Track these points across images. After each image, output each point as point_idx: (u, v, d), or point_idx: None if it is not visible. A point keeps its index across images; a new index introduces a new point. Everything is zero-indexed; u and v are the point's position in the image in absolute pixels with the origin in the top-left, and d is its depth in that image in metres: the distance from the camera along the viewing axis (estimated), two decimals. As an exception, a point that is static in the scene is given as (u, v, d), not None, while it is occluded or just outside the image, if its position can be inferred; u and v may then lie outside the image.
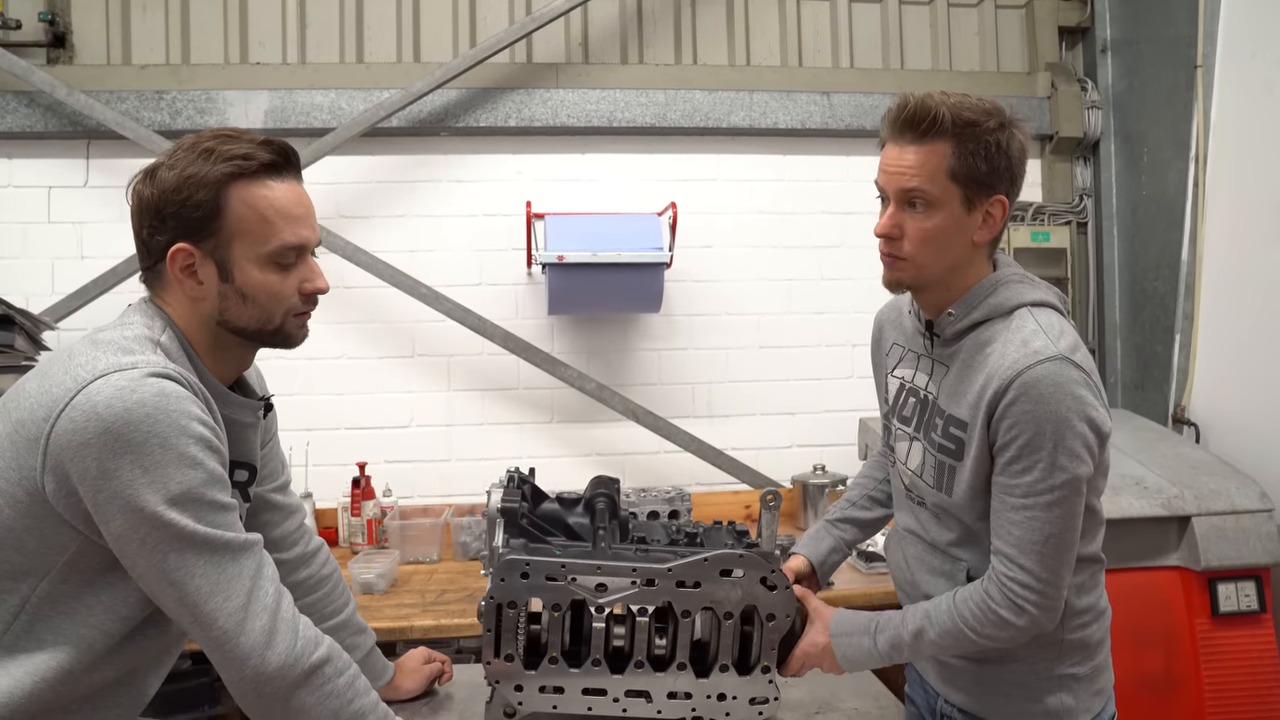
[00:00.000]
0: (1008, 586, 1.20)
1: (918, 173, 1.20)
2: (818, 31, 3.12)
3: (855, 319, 3.08)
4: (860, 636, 1.32)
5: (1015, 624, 1.20)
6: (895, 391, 1.43)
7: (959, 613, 1.24)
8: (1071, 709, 1.30)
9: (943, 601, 1.27)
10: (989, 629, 1.21)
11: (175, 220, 1.10)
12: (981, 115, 1.20)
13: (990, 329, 1.25)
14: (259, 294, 1.15)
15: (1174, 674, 2.11)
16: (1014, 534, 1.20)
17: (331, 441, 2.86)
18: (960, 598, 1.25)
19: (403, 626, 2.03)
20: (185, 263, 1.12)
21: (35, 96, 2.71)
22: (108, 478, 0.99)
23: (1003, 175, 1.22)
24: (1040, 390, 1.16)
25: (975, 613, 1.22)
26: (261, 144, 1.14)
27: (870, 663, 1.34)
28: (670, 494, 2.69)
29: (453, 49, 2.95)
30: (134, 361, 1.04)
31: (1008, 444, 1.19)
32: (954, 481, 1.27)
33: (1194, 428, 2.59)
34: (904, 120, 1.21)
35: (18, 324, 2.27)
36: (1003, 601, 1.20)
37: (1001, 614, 1.20)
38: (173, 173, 1.10)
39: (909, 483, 1.39)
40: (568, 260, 2.64)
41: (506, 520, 1.32)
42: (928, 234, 1.22)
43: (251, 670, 1.04)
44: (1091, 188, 3.18)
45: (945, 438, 1.28)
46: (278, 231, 1.14)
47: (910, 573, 1.42)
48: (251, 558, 1.08)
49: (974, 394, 1.23)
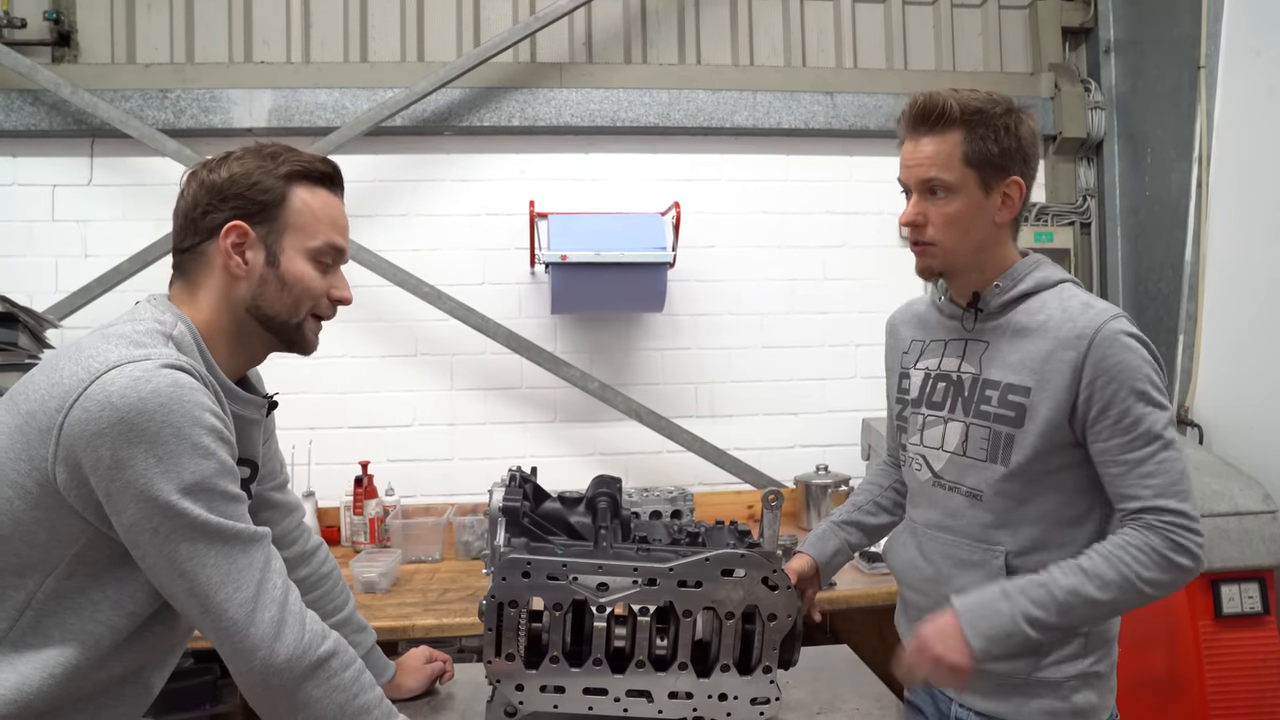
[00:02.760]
0: (1171, 531, 1.19)
1: (934, 161, 1.28)
2: (821, 31, 3.12)
3: (858, 319, 3.09)
4: (995, 603, 1.22)
5: (1185, 565, 1.19)
6: (920, 382, 1.44)
7: (1123, 562, 1.20)
8: (1096, 707, 1.30)
9: (1093, 556, 1.22)
10: (1156, 573, 1.19)
11: (239, 200, 1.17)
12: (988, 104, 1.28)
13: (1039, 299, 1.30)
14: (297, 284, 1.21)
15: (1177, 675, 2.10)
16: (1153, 483, 1.21)
17: (334, 440, 2.86)
18: (1116, 548, 1.21)
19: (404, 625, 2.03)
20: (238, 240, 1.18)
21: (40, 95, 2.72)
22: (121, 467, 1.00)
23: (1014, 157, 1.28)
24: (1123, 341, 1.22)
25: (1143, 559, 1.19)
26: (320, 160, 1.25)
27: (1009, 637, 1.21)
28: (673, 494, 2.69)
29: (456, 48, 2.96)
30: (146, 353, 1.05)
31: (1110, 402, 1.21)
32: (1012, 449, 1.27)
33: (1197, 429, 2.58)
34: (916, 116, 1.30)
35: (21, 322, 2.26)
36: (1170, 545, 1.19)
37: (1172, 557, 1.19)
38: (241, 164, 1.19)
39: (941, 468, 1.38)
40: (571, 260, 2.64)
41: (508, 519, 1.32)
42: (950, 218, 1.29)
43: (260, 662, 1.05)
44: (1095, 188, 3.18)
45: (1003, 406, 1.29)
46: (326, 231, 1.23)
47: (934, 568, 1.39)
48: (261, 549, 1.09)
49: (1037, 358, 1.26)
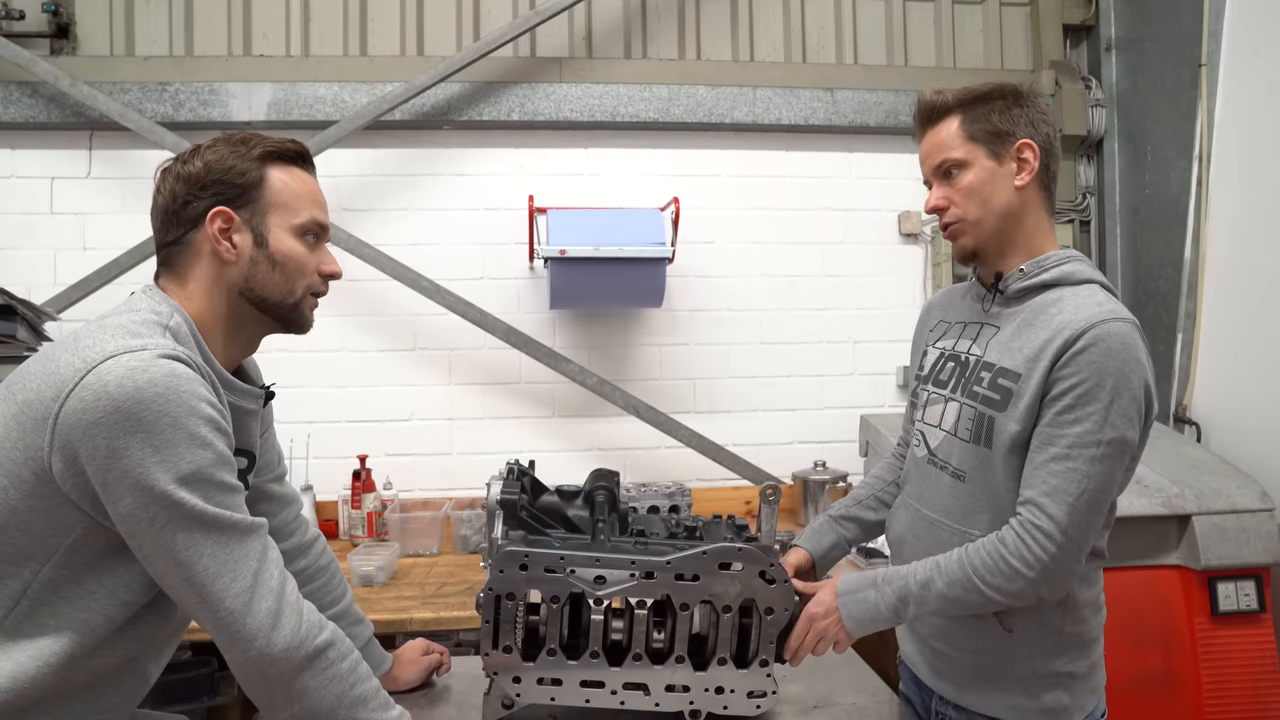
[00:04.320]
0: (1029, 534, 1.18)
1: (940, 147, 1.34)
2: (821, 28, 3.11)
3: (856, 315, 3.09)
4: (866, 590, 1.30)
5: (1026, 576, 1.18)
6: (933, 361, 1.46)
7: (969, 561, 1.22)
8: (1068, 707, 1.30)
9: (954, 552, 1.26)
10: (998, 579, 1.19)
11: (218, 187, 1.19)
12: (981, 89, 1.33)
13: (1060, 291, 1.29)
14: (288, 261, 1.22)
15: (1173, 673, 2.11)
16: (1050, 483, 1.19)
17: (332, 434, 2.86)
18: (973, 547, 1.24)
19: (402, 619, 2.03)
20: (224, 225, 1.19)
21: (38, 87, 2.72)
22: (117, 456, 1.00)
23: (1018, 121, 1.31)
24: (1111, 344, 1.18)
25: (987, 561, 1.20)
26: (290, 140, 1.26)
27: (877, 621, 1.29)
28: (670, 489, 2.69)
29: (456, 42, 2.96)
30: (143, 344, 1.05)
31: (1064, 392, 1.19)
32: (993, 433, 1.28)
33: (1195, 427, 2.59)
34: (918, 117, 1.38)
35: (19, 314, 2.26)
36: (1017, 551, 1.18)
37: (1014, 564, 1.18)
38: (214, 152, 1.20)
39: (936, 445, 1.39)
40: (570, 255, 2.64)
41: (506, 512, 1.32)
42: (968, 189, 1.32)
43: (257, 651, 1.05)
44: (1095, 186, 3.18)
45: (991, 389, 1.29)
46: (307, 207, 1.25)
47: (922, 545, 1.39)
48: (258, 540, 1.09)
49: (1035, 346, 1.25)
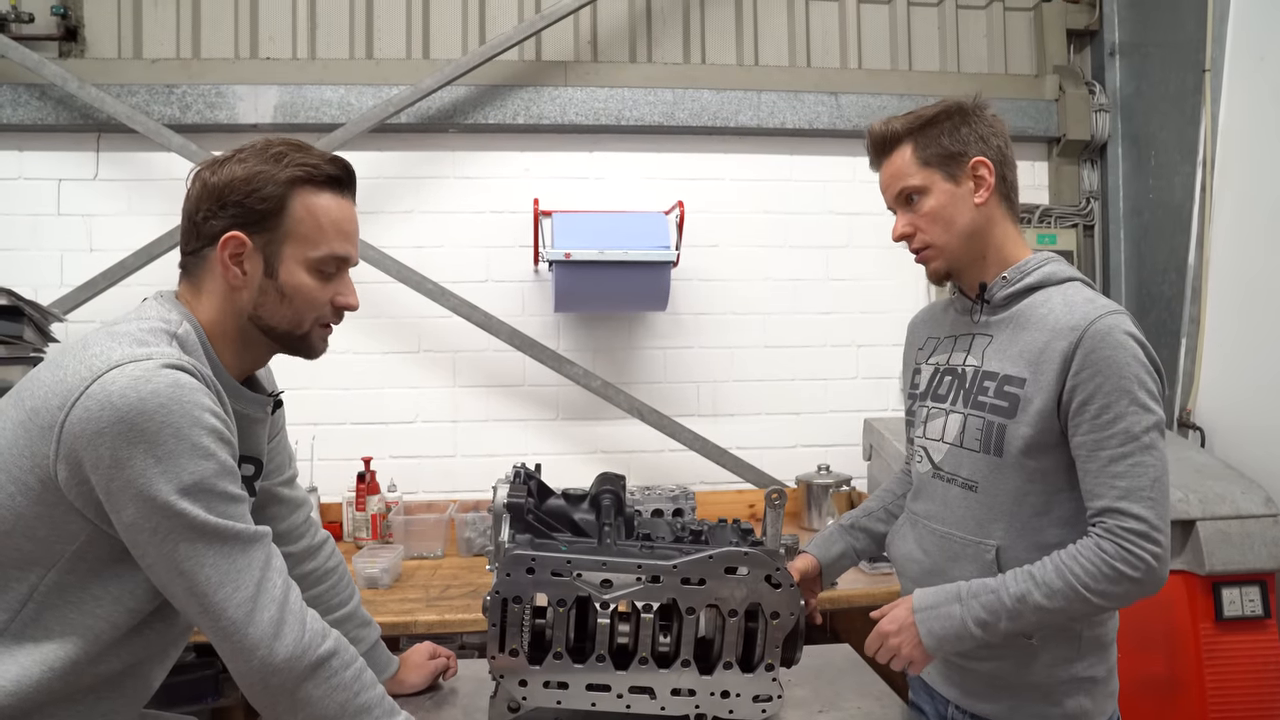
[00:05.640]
0: (1125, 539, 1.18)
1: (897, 176, 1.37)
2: (826, 32, 3.12)
3: (861, 319, 3.09)
4: (949, 605, 1.26)
5: (1132, 577, 1.17)
6: (929, 377, 1.46)
7: (1069, 571, 1.19)
8: (1089, 711, 1.30)
9: (1046, 563, 1.22)
10: (1104, 584, 1.18)
11: (237, 209, 1.15)
12: (928, 112, 1.35)
13: (1045, 293, 1.32)
14: (297, 295, 1.19)
15: (1177, 678, 2.11)
16: (1119, 485, 1.19)
17: (337, 436, 2.87)
18: (1068, 555, 1.21)
19: (406, 621, 2.04)
20: (235, 250, 1.16)
21: (46, 89, 2.73)
22: (120, 466, 1.00)
23: (968, 140, 1.33)
24: (1116, 338, 1.21)
25: (1090, 569, 1.19)
26: (329, 160, 1.20)
27: (962, 638, 1.24)
28: (674, 492, 2.68)
29: (462, 46, 2.96)
30: (149, 353, 1.05)
31: (1092, 395, 1.20)
32: (1004, 440, 1.28)
33: (1199, 432, 2.58)
34: (872, 150, 1.41)
35: (26, 315, 2.27)
36: (1119, 555, 1.18)
37: (1120, 568, 1.18)
38: (243, 166, 1.15)
39: (940, 459, 1.39)
40: (574, 258, 2.64)
41: (512, 515, 1.32)
42: (931, 215, 1.35)
43: (259, 661, 1.05)
44: (1098, 191, 3.18)
45: (998, 396, 1.30)
46: (329, 240, 1.19)
47: (931, 560, 1.39)
48: (261, 549, 1.09)
49: (1034, 348, 1.26)
